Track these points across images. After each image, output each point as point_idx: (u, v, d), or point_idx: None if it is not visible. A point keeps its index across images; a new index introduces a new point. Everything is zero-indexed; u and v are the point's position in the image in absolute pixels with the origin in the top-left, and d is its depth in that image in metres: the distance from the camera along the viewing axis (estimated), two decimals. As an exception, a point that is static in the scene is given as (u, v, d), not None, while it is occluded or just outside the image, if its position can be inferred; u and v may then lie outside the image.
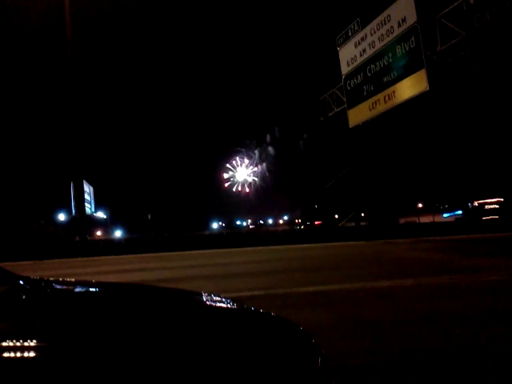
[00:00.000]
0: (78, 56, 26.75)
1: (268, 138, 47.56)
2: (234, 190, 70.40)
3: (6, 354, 1.14)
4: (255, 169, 66.93)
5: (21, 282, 1.72)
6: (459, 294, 6.68)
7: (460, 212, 60.03)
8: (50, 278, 2.09)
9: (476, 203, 54.89)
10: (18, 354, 1.15)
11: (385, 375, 3.40)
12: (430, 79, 21.64)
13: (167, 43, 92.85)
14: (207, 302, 2.03)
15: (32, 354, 1.17)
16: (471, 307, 5.54)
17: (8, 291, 1.62)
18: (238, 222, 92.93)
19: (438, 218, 53.92)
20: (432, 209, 62.74)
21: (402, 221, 37.95)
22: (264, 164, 64.09)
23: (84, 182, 34.19)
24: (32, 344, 1.18)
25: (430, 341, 4.16)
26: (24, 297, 1.61)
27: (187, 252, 19.09)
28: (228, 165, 68.62)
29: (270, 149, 47.44)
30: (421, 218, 51.26)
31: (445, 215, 61.90)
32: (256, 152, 62.51)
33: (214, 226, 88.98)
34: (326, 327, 4.68)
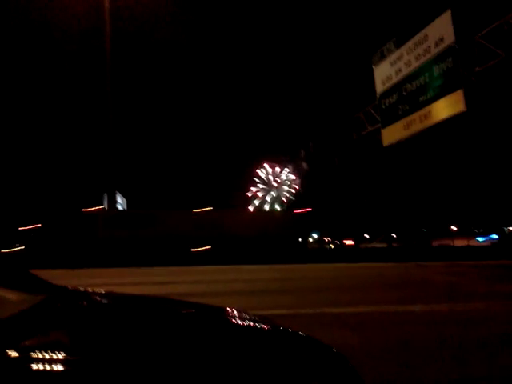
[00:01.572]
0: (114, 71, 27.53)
1: (302, 153, 47.46)
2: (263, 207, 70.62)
3: (38, 366, 1.14)
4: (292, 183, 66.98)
5: (57, 292, 1.72)
6: (491, 320, 6.42)
7: (495, 236, 58.33)
8: (87, 289, 2.10)
9: (512, 228, 53.27)
10: (48, 367, 1.15)
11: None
12: (467, 100, 21.23)
13: (203, 48, 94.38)
14: (234, 319, 1.99)
15: (62, 368, 1.16)
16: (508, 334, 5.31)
17: (45, 301, 1.63)
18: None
19: (472, 242, 52.50)
20: (467, 232, 61.18)
21: (435, 243, 37.08)
22: (298, 179, 64.01)
23: (117, 193, 34.84)
24: (62, 357, 1.18)
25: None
26: (60, 308, 1.61)
27: (215, 266, 19.10)
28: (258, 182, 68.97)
29: (304, 164, 47.29)
30: (455, 242, 50.01)
31: (479, 239, 60.24)
32: (290, 167, 62.58)
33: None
34: (355, 350, 4.56)
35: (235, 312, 2.05)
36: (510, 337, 5.32)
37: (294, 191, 67.60)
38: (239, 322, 1.97)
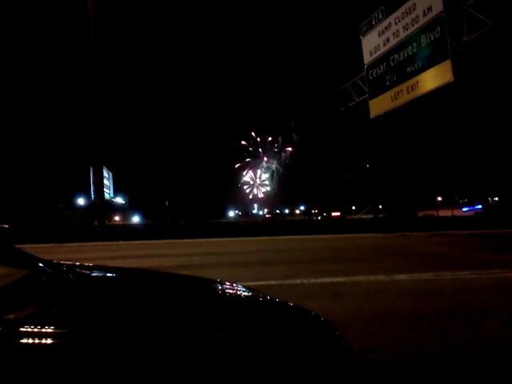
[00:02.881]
0: (99, 44, 26.84)
1: (292, 125, 47.40)
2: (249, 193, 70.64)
3: (27, 340, 1.11)
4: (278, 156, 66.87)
5: (43, 266, 1.69)
6: (478, 288, 6.53)
7: (480, 206, 59.20)
8: (72, 263, 2.07)
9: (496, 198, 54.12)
10: (39, 340, 1.12)
11: (403, 371, 3.32)
12: (455, 70, 21.16)
13: (191, 33, 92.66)
14: (224, 291, 2.00)
15: (53, 341, 1.13)
16: (494, 304, 5.41)
17: (30, 275, 1.59)
18: (255, 211, 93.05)
19: (457, 212, 53.23)
20: (451, 202, 62.00)
21: (420, 214, 37.52)
22: (286, 152, 63.99)
23: (103, 167, 34.51)
24: (53, 330, 1.15)
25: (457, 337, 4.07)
26: (46, 281, 1.57)
27: (204, 239, 19.17)
28: (245, 174, 68.82)
29: (294, 136, 47.32)
30: (440, 212, 50.66)
31: (464, 209, 61.10)
32: (279, 139, 62.41)
33: (231, 214, 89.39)
34: (343, 319, 4.61)
35: (225, 283, 2.04)
36: (496, 305, 5.43)
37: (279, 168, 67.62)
38: (229, 292, 1.96)
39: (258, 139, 75.28)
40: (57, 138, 56.19)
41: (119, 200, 65.62)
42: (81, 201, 52.68)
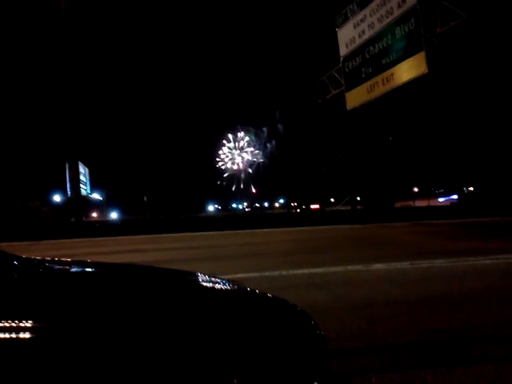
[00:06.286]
0: (74, 40, 26.37)
1: (277, 115, 47.40)
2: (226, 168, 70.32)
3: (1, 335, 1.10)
4: (254, 150, 66.90)
5: (12, 261, 1.66)
6: (453, 276, 6.68)
7: (455, 196, 60.34)
8: (42, 258, 2.04)
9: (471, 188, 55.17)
10: (13, 335, 1.11)
11: (379, 357, 3.38)
12: (429, 62, 21.43)
13: (164, 25, 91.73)
14: (204, 283, 2.00)
15: (27, 335, 1.12)
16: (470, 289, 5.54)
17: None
18: (234, 205, 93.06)
19: (433, 203, 54.17)
20: (427, 193, 63.06)
21: (397, 205, 38.01)
22: (262, 145, 64.00)
23: (79, 163, 34.00)
24: (26, 325, 1.14)
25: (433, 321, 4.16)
26: (16, 276, 1.55)
27: (183, 234, 19.09)
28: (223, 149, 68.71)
29: (280, 127, 47.36)
30: (416, 202, 51.49)
31: (440, 199, 62.19)
32: (258, 133, 62.44)
33: (210, 208, 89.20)
34: (321, 308, 4.67)
35: (204, 276, 2.05)
36: (470, 291, 5.56)
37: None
38: (209, 284, 1.97)
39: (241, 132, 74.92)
40: (31, 134, 55.09)
41: (96, 196, 64.84)
42: (57, 197, 51.85)
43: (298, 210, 61.08)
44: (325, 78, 32.17)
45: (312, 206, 54.91)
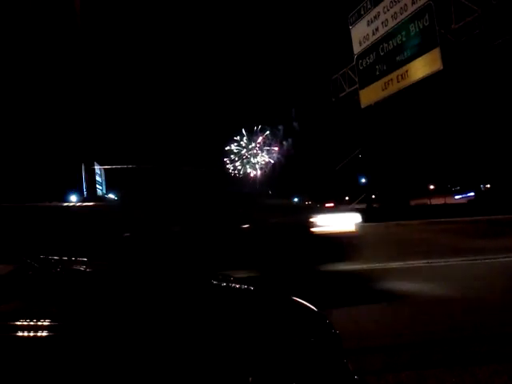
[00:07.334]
0: (89, 41, 26.58)
1: (293, 112, 47.13)
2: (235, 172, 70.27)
3: (16, 333, 1.13)
4: (271, 148, 66.76)
5: (29, 261, 1.69)
6: (466, 274, 6.61)
7: (472, 194, 59.58)
8: (59, 257, 2.07)
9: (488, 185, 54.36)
10: (29, 333, 1.14)
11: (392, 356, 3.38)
12: (444, 58, 21.19)
13: (181, 25, 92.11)
14: (219, 283, 2.00)
15: (43, 334, 1.15)
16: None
17: (17, 270, 1.60)
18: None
19: (449, 200, 53.55)
20: (444, 190, 62.36)
21: (413, 203, 37.70)
22: (279, 144, 63.91)
23: (95, 163, 34.31)
24: (43, 323, 1.17)
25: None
26: (33, 275, 1.58)
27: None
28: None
29: (296, 124, 47.13)
30: (432, 200, 50.95)
31: (456, 197, 61.48)
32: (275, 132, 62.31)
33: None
34: (335, 307, 4.67)
35: (220, 276, 2.06)
36: (488, 290, 5.51)
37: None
38: (224, 284, 2.00)
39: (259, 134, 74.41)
40: (47, 135, 55.80)
41: (112, 197, 65.30)
42: (73, 198, 52.34)
43: (313, 209, 60.69)
44: (338, 75, 31.95)
45: (326, 204, 54.70)
